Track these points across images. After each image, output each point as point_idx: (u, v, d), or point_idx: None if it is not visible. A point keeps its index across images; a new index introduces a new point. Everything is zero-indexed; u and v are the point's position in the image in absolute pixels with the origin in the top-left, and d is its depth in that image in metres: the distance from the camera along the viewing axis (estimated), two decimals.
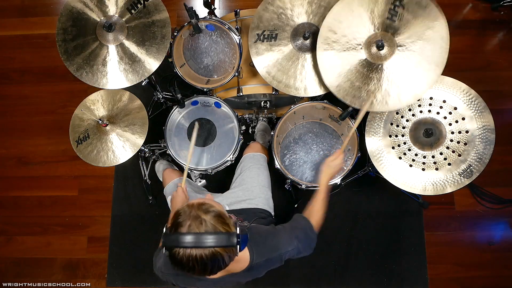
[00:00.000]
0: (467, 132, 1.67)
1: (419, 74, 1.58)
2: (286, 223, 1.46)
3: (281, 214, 1.93)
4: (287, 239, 1.37)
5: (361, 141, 1.86)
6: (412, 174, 1.69)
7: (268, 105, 2.18)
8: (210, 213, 1.11)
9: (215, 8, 1.97)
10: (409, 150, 1.72)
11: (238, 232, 1.11)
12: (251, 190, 1.82)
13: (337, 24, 1.62)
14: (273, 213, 1.82)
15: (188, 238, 1.05)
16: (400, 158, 1.72)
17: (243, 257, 1.28)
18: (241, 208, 1.75)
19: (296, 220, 1.46)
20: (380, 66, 1.60)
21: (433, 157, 1.69)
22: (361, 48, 1.61)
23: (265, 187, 1.86)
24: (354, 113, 2.10)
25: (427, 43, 1.55)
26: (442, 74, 1.58)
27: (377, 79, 1.61)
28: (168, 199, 1.92)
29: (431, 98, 1.72)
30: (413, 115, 1.73)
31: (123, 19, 1.72)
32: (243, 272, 1.32)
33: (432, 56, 1.55)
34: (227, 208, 1.76)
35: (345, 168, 2.03)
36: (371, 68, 1.61)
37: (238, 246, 1.10)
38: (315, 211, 1.51)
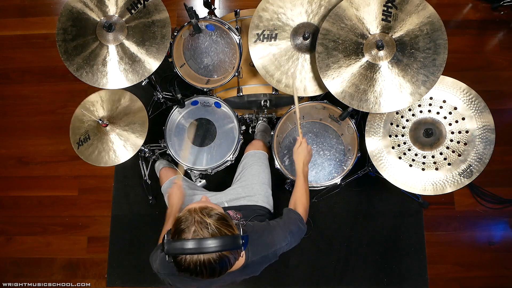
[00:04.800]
0: (467, 132, 1.67)
1: (420, 71, 1.58)
2: (279, 218, 1.49)
3: (280, 214, 1.92)
4: (281, 234, 1.40)
5: (361, 141, 1.86)
6: (412, 174, 1.69)
7: (268, 105, 2.18)
8: (213, 216, 1.11)
9: (215, 8, 1.98)
10: (409, 150, 1.72)
11: (241, 233, 1.12)
12: (251, 187, 1.82)
13: (335, 30, 1.62)
14: (272, 211, 1.83)
15: (195, 244, 1.05)
16: (400, 158, 1.72)
17: None
18: (240, 204, 1.76)
19: (288, 214, 1.50)
20: (382, 66, 1.60)
21: (433, 157, 1.69)
22: (361, 51, 1.61)
23: (265, 185, 1.86)
24: (354, 113, 2.11)
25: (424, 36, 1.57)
26: (442, 74, 1.58)
27: (382, 80, 1.61)
28: (166, 197, 1.93)
29: (431, 98, 1.72)
30: (413, 115, 1.73)
31: (123, 19, 1.72)
32: (239, 270, 1.32)
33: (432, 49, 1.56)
34: (226, 205, 1.77)
35: (345, 168, 2.03)
36: (374, 70, 1.61)
37: (242, 247, 1.11)
38: (298, 198, 1.57)
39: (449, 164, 1.67)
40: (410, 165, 1.70)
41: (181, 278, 1.33)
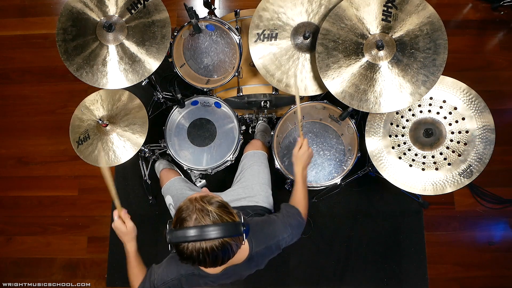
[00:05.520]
0: (467, 132, 1.67)
1: (421, 70, 1.58)
2: (278, 212, 1.50)
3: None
4: (282, 226, 1.41)
5: (361, 141, 1.86)
6: (412, 174, 1.69)
7: (268, 105, 2.18)
8: (214, 204, 1.12)
9: (215, 8, 1.98)
10: (409, 150, 1.72)
11: (242, 221, 1.13)
12: (251, 187, 1.82)
13: (335, 30, 1.62)
14: (273, 210, 1.83)
15: (196, 232, 1.05)
16: (400, 158, 1.71)
17: (243, 247, 1.30)
18: (241, 205, 1.76)
19: (286, 208, 1.50)
20: (382, 66, 1.60)
21: (433, 157, 1.69)
22: (361, 51, 1.61)
23: (265, 185, 1.86)
24: (354, 113, 2.11)
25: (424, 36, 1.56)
26: (442, 74, 1.58)
27: (382, 80, 1.61)
28: (166, 199, 1.93)
29: (431, 98, 1.72)
30: (413, 115, 1.73)
31: (123, 19, 1.72)
32: (244, 262, 1.33)
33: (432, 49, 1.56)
34: None
35: (345, 168, 2.03)
36: (374, 70, 1.61)
37: (244, 234, 1.12)
38: (298, 200, 1.56)
39: (449, 164, 1.67)
40: (410, 165, 1.70)
41: (187, 279, 1.33)
